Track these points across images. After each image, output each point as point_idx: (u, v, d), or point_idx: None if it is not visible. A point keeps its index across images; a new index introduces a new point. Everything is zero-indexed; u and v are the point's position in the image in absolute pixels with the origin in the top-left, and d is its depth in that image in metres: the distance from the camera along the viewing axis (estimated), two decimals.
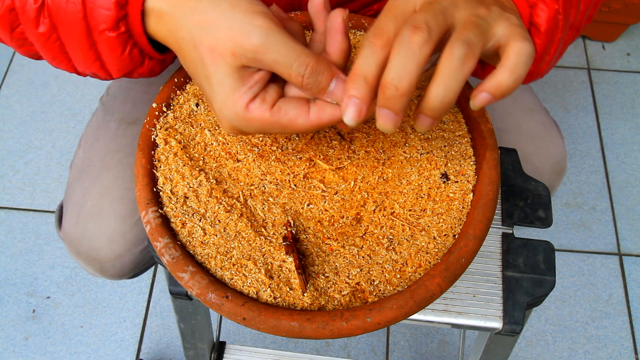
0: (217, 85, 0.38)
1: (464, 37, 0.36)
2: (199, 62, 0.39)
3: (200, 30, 0.38)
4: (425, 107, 0.37)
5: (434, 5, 0.36)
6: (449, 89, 0.36)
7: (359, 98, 0.36)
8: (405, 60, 0.35)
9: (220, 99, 0.39)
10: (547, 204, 0.56)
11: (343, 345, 1.13)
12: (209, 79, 0.39)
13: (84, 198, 0.66)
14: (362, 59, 0.36)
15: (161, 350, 1.12)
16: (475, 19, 0.37)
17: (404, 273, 0.42)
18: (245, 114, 0.38)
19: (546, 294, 0.51)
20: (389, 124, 0.36)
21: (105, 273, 0.67)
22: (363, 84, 0.36)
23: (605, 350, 1.14)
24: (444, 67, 0.35)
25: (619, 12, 1.42)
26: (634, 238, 1.26)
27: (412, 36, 0.34)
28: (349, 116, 0.37)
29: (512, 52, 0.37)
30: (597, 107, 1.44)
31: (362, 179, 0.47)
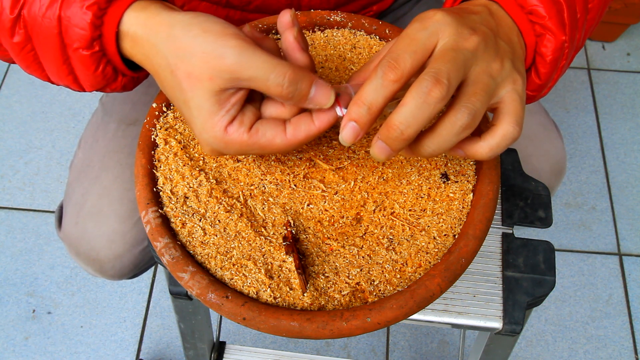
0: (195, 109, 0.39)
1: (472, 105, 0.37)
2: (177, 87, 0.39)
3: (176, 56, 0.39)
4: (410, 150, 0.39)
5: (456, 55, 0.36)
6: (440, 148, 0.38)
7: (358, 124, 0.37)
8: (418, 112, 0.36)
9: (200, 122, 0.39)
10: (547, 204, 0.56)
11: (343, 345, 1.13)
12: (188, 104, 0.39)
13: (83, 198, 0.66)
14: (371, 88, 0.37)
15: (161, 350, 1.12)
16: (487, 79, 0.38)
17: (404, 273, 0.42)
18: (224, 137, 0.39)
19: (546, 294, 0.51)
20: (382, 156, 0.38)
21: (104, 273, 0.67)
22: (366, 113, 0.37)
23: (605, 350, 1.14)
24: (444, 128, 0.37)
25: (619, 12, 1.42)
26: (634, 238, 1.26)
27: (433, 90, 0.35)
28: (345, 137, 0.38)
29: (499, 133, 0.39)
30: (597, 107, 1.44)
31: (362, 179, 0.47)
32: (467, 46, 0.37)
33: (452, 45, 0.37)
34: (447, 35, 0.37)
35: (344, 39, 0.53)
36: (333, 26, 0.54)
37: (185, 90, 0.39)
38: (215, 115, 0.39)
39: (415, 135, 0.37)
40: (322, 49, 0.52)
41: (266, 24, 0.53)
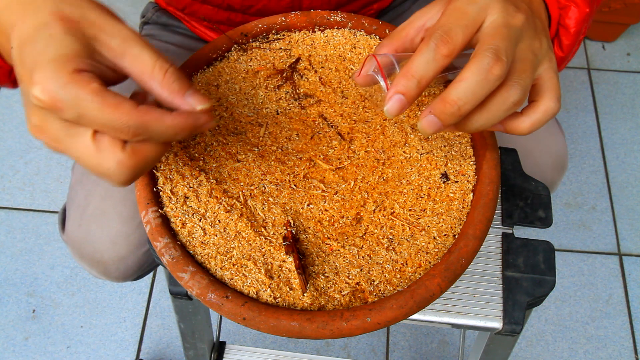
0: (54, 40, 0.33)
1: (523, 82, 0.37)
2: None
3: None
4: (460, 125, 0.38)
5: (509, 32, 0.37)
6: (488, 123, 0.38)
7: (406, 97, 0.37)
8: (478, 88, 0.35)
9: (56, 70, 0.33)
10: (547, 204, 0.56)
11: (343, 345, 1.13)
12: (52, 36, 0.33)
13: (86, 200, 0.66)
14: (422, 61, 0.36)
15: (161, 350, 1.12)
16: (532, 57, 0.38)
17: (404, 273, 0.42)
18: (72, 77, 0.33)
19: (546, 294, 0.51)
20: (431, 130, 0.37)
21: (109, 275, 0.67)
22: (415, 86, 0.36)
23: (605, 350, 1.14)
24: (496, 104, 0.37)
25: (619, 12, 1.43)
26: (634, 238, 1.26)
27: (494, 67, 0.35)
28: (391, 110, 0.37)
29: (541, 109, 0.39)
30: (597, 107, 1.44)
31: (362, 179, 0.47)
32: (516, 23, 0.37)
33: (503, 22, 0.37)
34: (496, 12, 0.37)
35: (344, 39, 0.53)
36: (333, 26, 0.54)
37: (56, 30, 0.34)
38: (76, 60, 0.33)
39: (470, 111, 0.36)
40: (322, 49, 0.52)
41: (266, 24, 0.53)
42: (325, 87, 0.51)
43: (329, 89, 0.51)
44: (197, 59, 0.51)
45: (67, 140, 0.34)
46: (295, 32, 0.54)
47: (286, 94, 0.50)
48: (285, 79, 0.51)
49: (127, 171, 0.35)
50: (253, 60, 0.52)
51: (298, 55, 0.52)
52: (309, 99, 0.50)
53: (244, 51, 0.52)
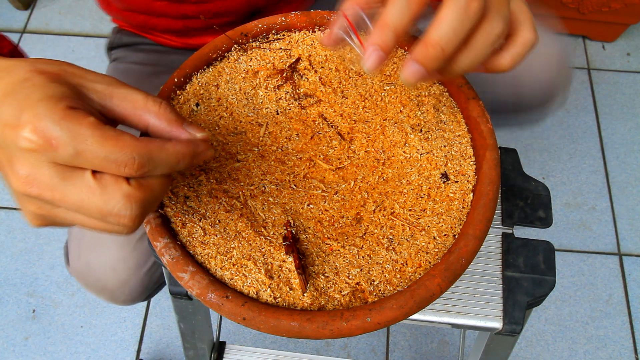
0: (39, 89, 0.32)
1: (503, 12, 0.36)
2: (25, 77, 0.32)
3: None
4: (445, 70, 0.37)
5: None
6: (474, 62, 0.36)
7: (383, 49, 0.35)
8: (459, 25, 0.34)
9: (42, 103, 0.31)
10: (547, 204, 0.56)
11: (343, 345, 1.13)
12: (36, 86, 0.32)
13: (81, 232, 0.68)
14: (395, 9, 0.35)
15: (161, 350, 1.12)
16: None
17: (404, 273, 0.42)
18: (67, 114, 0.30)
19: (546, 294, 0.51)
20: (414, 79, 0.36)
21: (117, 300, 0.69)
22: (391, 36, 0.35)
23: (605, 350, 1.14)
24: (479, 39, 0.36)
25: (619, 12, 1.42)
26: (634, 238, 1.26)
27: (471, 3, 0.34)
28: (370, 65, 0.36)
29: (520, 41, 0.38)
30: (597, 107, 1.44)
31: (362, 179, 0.47)
32: None
33: None
34: None
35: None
36: None
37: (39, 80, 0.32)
38: (63, 98, 0.31)
39: (455, 51, 0.35)
40: (322, 49, 0.52)
41: (266, 24, 0.53)
42: (325, 87, 0.51)
43: (329, 89, 0.51)
44: (197, 59, 0.51)
45: (63, 185, 0.31)
46: (295, 32, 0.54)
47: (286, 94, 0.50)
48: (285, 79, 0.51)
49: (136, 206, 0.32)
50: (253, 60, 0.52)
51: (298, 55, 0.52)
52: (309, 99, 0.50)
53: (244, 51, 0.52)
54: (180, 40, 0.74)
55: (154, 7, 0.67)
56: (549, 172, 1.35)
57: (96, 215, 0.31)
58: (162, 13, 0.68)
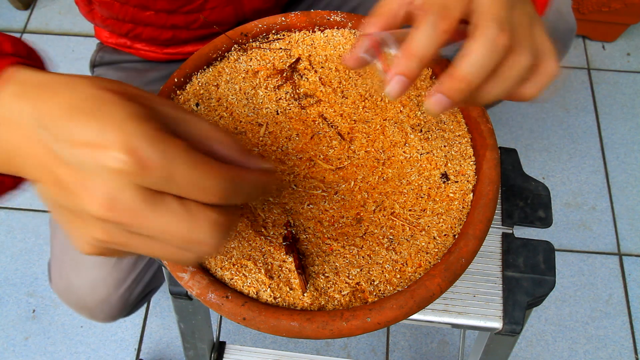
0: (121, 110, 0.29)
1: (530, 45, 0.37)
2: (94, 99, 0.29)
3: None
4: (470, 100, 0.37)
5: (505, 1, 0.36)
6: (503, 92, 0.37)
7: (407, 77, 0.36)
8: (487, 60, 0.35)
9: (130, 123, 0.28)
10: (547, 204, 0.56)
11: (343, 345, 1.13)
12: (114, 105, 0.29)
13: (62, 253, 0.69)
14: (422, 38, 0.35)
15: (161, 350, 1.12)
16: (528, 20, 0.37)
17: (404, 273, 0.42)
18: (160, 136, 0.28)
19: (546, 294, 0.51)
20: (439, 109, 0.36)
21: (96, 317, 0.71)
22: (416, 66, 0.35)
23: (605, 350, 1.14)
24: (509, 70, 0.36)
25: (619, 12, 1.42)
26: (634, 238, 1.26)
27: (500, 37, 0.34)
28: (393, 92, 0.36)
29: (544, 72, 0.38)
30: (597, 107, 1.44)
31: (362, 179, 0.47)
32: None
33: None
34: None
35: (344, 39, 0.53)
36: (333, 26, 0.54)
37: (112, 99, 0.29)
38: (149, 119, 0.29)
39: (482, 84, 0.36)
40: (322, 49, 0.52)
41: (266, 24, 0.53)
42: (325, 87, 0.51)
43: (329, 89, 0.51)
44: (197, 59, 0.51)
45: (147, 211, 0.28)
46: (295, 32, 0.54)
47: (286, 94, 0.50)
48: (285, 79, 0.51)
49: (220, 234, 0.30)
50: (253, 60, 0.52)
51: (298, 55, 0.52)
52: (309, 99, 0.50)
53: (244, 51, 0.52)
54: (163, 50, 0.74)
55: (141, 16, 0.67)
56: (549, 172, 1.35)
57: (179, 243, 0.30)
58: (150, 22, 0.68)
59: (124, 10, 0.67)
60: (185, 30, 0.69)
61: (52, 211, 0.31)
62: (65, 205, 0.29)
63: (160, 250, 0.30)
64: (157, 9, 0.66)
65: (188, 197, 0.29)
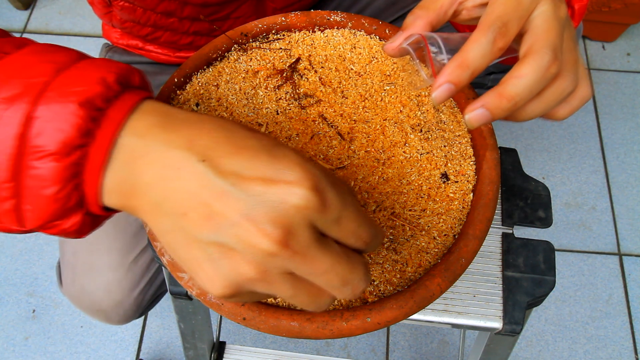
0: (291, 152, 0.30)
1: (574, 71, 0.38)
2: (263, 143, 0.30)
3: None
4: (511, 116, 0.38)
5: (559, 27, 0.37)
6: (542, 112, 0.39)
7: (456, 86, 0.36)
8: (535, 85, 0.36)
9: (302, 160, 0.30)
10: (547, 204, 0.56)
11: (343, 345, 1.13)
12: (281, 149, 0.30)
13: (74, 257, 0.69)
14: (479, 52, 0.36)
15: (161, 350, 1.12)
16: (574, 45, 0.39)
17: (404, 273, 0.42)
18: (327, 171, 0.30)
19: (546, 294, 0.51)
20: (480, 122, 0.37)
21: (111, 320, 0.70)
22: (468, 77, 0.36)
23: (605, 350, 1.14)
24: (552, 94, 0.38)
25: (619, 12, 1.42)
26: (634, 238, 1.26)
27: (552, 66, 0.36)
28: (439, 98, 0.37)
29: (578, 96, 0.40)
30: (597, 107, 1.44)
31: (362, 179, 0.47)
32: (562, 15, 0.37)
33: (553, 15, 0.37)
34: (546, 3, 0.37)
35: (344, 39, 0.53)
36: (333, 26, 0.54)
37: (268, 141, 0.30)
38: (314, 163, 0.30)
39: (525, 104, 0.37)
40: (322, 49, 0.52)
41: (266, 24, 0.53)
42: (325, 87, 0.51)
43: (329, 89, 0.51)
44: (197, 58, 0.51)
45: (315, 249, 0.28)
46: (295, 32, 0.54)
47: (286, 94, 0.50)
48: (285, 79, 0.51)
49: (370, 278, 0.32)
50: (253, 60, 0.52)
51: (298, 55, 0.52)
52: (309, 99, 0.50)
53: (244, 51, 0.52)
54: (176, 54, 0.74)
55: (164, 22, 0.66)
56: (549, 172, 1.35)
57: (337, 283, 0.30)
58: (172, 28, 0.67)
59: (146, 16, 0.66)
60: (206, 37, 0.69)
61: (182, 249, 0.29)
62: (214, 240, 0.28)
63: (304, 294, 0.30)
64: (183, 17, 0.65)
65: (344, 241, 0.30)
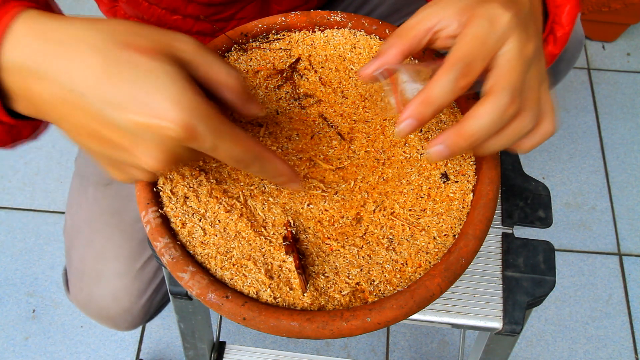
0: (165, 74, 0.33)
1: (535, 110, 0.39)
2: (130, 62, 0.32)
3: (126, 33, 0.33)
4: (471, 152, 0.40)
5: (523, 66, 0.38)
6: (502, 147, 0.40)
7: (418, 122, 0.38)
8: (493, 125, 0.37)
9: (177, 86, 0.32)
10: (547, 204, 0.56)
11: (343, 345, 1.13)
12: (154, 72, 0.32)
13: (82, 264, 0.69)
14: (441, 90, 0.37)
15: (161, 350, 1.12)
16: (538, 83, 0.40)
17: (404, 273, 0.42)
18: (203, 100, 0.33)
19: (546, 294, 0.51)
20: (439, 158, 0.39)
21: (119, 327, 0.71)
22: (430, 113, 0.37)
23: (605, 350, 1.14)
24: (512, 131, 0.39)
25: (619, 12, 1.43)
26: (634, 238, 1.26)
27: (510, 107, 0.37)
28: (402, 132, 0.38)
29: (541, 132, 0.41)
30: (597, 107, 1.44)
31: (362, 179, 0.47)
32: (528, 54, 0.38)
33: (517, 54, 0.37)
34: (512, 42, 0.37)
35: (344, 39, 0.53)
36: (333, 26, 0.54)
37: (145, 61, 0.33)
38: (191, 82, 0.33)
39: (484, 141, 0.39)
40: (322, 49, 0.52)
41: (266, 24, 0.53)
42: (325, 87, 0.51)
43: (329, 89, 0.51)
44: None
45: (198, 156, 0.36)
46: (295, 32, 0.54)
47: (286, 94, 0.50)
48: (285, 79, 0.51)
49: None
50: (253, 60, 0.52)
51: (298, 55, 0.52)
52: (309, 99, 0.50)
53: (244, 51, 0.52)
54: None
55: (168, 19, 0.66)
56: (549, 172, 1.35)
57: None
58: (176, 26, 0.67)
59: (150, 11, 0.66)
60: (209, 37, 0.69)
61: (89, 153, 0.36)
62: (111, 156, 0.35)
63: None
64: (186, 14, 0.65)
65: (226, 162, 0.36)
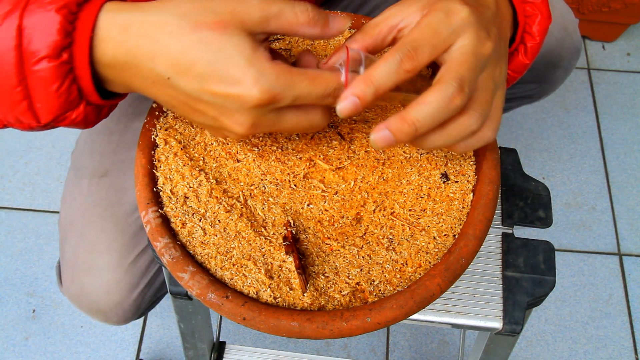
0: (234, 48, 0.36)
1: (484, 112, 0.39)
2: (202, 41, 0.36)
3: (196, 13, 0.36)
4: (415, 142, 0.40)
5: (476, 62, 0.37)
6: (444, 145, 0.40)
7: (361, 100, 0.37)
8: (438, 114, 0.37)
9: (244, 59, 0.36)
10: (547, 204, 0.56)
11: (343, 345, 1.13)
12: (223, 50, 0.36)
13: (74, 256, 0.69)
14: (383, 71, 0.36)
15: (161, 350, 1.12)
16: (492, 86, 0.40)
17: (404, 273, 0.42)
18: (274, 66, 0.36)
19: (546, 294, 0.51)
20: (383, 144, 0.38)
21: (110, 321, 0.70)
22: (372, 93, 0.37)
23: (605, 350, 1.14)
24: (455, 129, 0.39)
25: (619, 12, 1.42)
26: (634, 238, 1.26)
27: (457, 97, 0.36)
28: (343, 110, 0.38)
29: (479, 136, 0.41)
30: (597, 107, 1.44)
31: (362, 179, 0.47)
32: (484, 52, 0.38)
33: (472, 50, 0.37)
34: (468, 37, 0.37)
35: (344, 39, 0.53)
36: None
37: (215, 38, 0.36)
38: (258, 49, 0.36)
39: (427, 132, 0.38)
40: (322, 49, 0.52)
41: None
42: None
43: None
44: None
45: (279, 122, 0.38)
46: None
47: None
48: None
49: (329, 114, 0.40)
50: None
51: None
52: None
53: None
54: None
55: None
56: (549, 172, 1.35)
57: (303, 130, 0.40)
58: None
59: None
60: None
61: (184, 117, 0.42)
62: (204, 123, 0.40)
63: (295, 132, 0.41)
64: None
65: (302, 102, 0.38)
